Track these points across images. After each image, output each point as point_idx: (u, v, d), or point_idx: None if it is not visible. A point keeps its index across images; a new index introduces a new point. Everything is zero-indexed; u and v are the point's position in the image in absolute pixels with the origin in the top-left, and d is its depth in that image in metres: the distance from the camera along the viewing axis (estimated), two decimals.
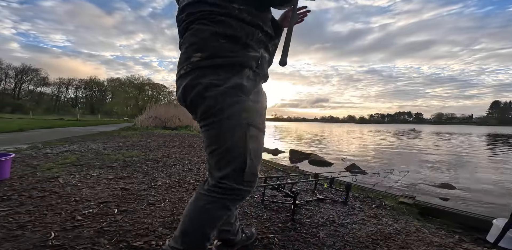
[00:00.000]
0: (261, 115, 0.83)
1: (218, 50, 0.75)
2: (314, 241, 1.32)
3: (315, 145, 12.25)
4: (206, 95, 0.75)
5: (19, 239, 1.17)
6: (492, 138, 21.90)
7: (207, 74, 0.75)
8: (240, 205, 1.80)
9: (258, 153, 0.83)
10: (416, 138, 20.56)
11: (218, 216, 0.81)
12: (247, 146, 0.78)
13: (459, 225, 1.88)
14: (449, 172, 6.11)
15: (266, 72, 0.87)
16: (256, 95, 0.81)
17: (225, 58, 0.74)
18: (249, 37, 0.78)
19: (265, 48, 0.84)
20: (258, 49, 0.81)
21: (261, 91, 0.86)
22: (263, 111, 0.85)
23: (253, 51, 0.79)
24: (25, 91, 52.90)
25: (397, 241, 1.41)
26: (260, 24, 0.80)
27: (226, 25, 0.75)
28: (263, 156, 7.57)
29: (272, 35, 0.86)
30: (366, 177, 4.79)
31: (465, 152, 10.61)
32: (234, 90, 0.75)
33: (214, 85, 0.74)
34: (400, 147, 12.52)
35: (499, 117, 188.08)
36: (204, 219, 0.80)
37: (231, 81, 0.74)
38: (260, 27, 0.80)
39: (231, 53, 0.75)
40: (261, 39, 0.82)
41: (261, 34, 0.81)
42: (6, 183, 2.08)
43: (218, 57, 0.74)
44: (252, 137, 0.79)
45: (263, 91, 0.89)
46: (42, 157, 3.42)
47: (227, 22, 0.75)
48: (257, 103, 0.82)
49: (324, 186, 2.44)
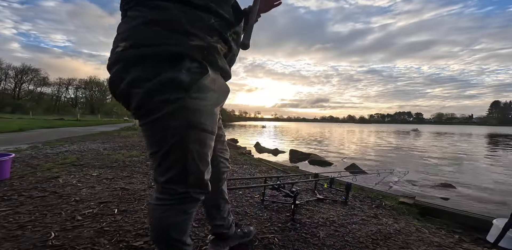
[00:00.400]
0: (208, 114, 0.71)
1: (147, 38, 0.64)
2: (314, 241, 1.32)
3: (315, 145, 12.24)
4: (133, 92, 0.65)
5: (19, 239, 1.17)
6: (492, 138, 21.88)
7: (132, 67, 0.64)
8: (240, 205, 1.80)
9: (204, 156, 0.73)
10: (416, 138, 20.55)
11: (179, 222, 0.76)
12: (188, 150, 0.68)
13: (459, 225, 1.89)
14: (449, 172, 6.11)
15: (222, 64, 0.75)
16: (202, 91, 0.68)
17: (155, 47, 0.62)
18: (194, 23, 0.67)
19: (220, 36, 0.73)
20: (206, 37, 0.69)
21: (210, 87, 0.71)
22: (212, 110, 0.72)
23: (196, 39, 0.66)
24: (25, 91, 52.91)
25: (397, 241, 1.41)
26: (213, 8, 0.70)
27: (163, 10, 0.65)
28: (263, 156, 7.61)
29: (232, 21, 0.75)
30: (366, 177, 4.79)
31: (465, 152, 10.61)
32: (166, 86, 0.63)
33: (141, 81, 0.63)
34: (400, 147, 12.52)
35: (499, 118, 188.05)
36: (165, 228, 0.75)
37: (162, 76, 0.63)
38: (214, 12, 0.70)
39: (165, 40, 0.63)
40: (214, 26, 0.71)
41: (214, 21, 0.71)
42: (6, 183, 2.08)
43: (145, 46, 0.63)
44: (196, 139, 0.69)
45: (218, 86, 0.75)
46: (42, 157, 3.42)
47: (166, 7, 0.66)
48: (202, 100, 0.68)
49: (324, 186, 2.44)
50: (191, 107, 0.66)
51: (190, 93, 0.65)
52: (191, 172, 0.71)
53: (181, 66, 0.64)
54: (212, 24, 0.70)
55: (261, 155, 7.91)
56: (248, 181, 2.56)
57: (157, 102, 0.64)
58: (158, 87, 0.63)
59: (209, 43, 0.69)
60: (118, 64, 0.66)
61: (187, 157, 0.69)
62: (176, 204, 0.74)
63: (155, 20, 0.64)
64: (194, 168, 0.71)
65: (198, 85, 0.66)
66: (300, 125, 78.56)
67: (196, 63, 0.67)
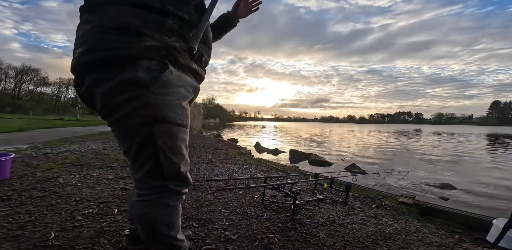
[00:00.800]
0: (176, 108, 0.73)
1: (99, 43, 0.66)
2: (314, 241, 1.32)
3: (315, 145, 12.24)
4: (95, 93, 0.68)
5: (19, 239, 1.17)
6: (492, 138, 21.89)
7: (90, 71, 0.67)
8: (240, 205, 1.80)
9: (177, 149, 0.74)
10: (417, 138, 20.56)
11: (163, 216, 0.77)
12: (158, 144, 0.70)
13: (459, 225, 1.88)
14: (449, 172, 6.11)
15: (186, 62, 0.76)
16: (166, 87, 0.70)
17: (106, 52, 0.65)
18: (149, 25, 0.68)
19: (179, 36, 0.74)
20: (163, 37, 0.70)
21: (175, 83, 0.72)
22: (180, 104, 0.74)
23: (151, 40, 0.68)
24: (25, 91, 52.89)
25: (397, 241, 1.41)
26: (170, 10, 0.71)
27: (115, 14, 0.67)
28: (263, 156, 7.61)
29: (192, 22, 0.77)
30: (366, 177, 4.79)
31: (465, 152, 10.61)
32: (125, 86, 0.66)
33: (101, 82, 0.67)
34: (401, 147, 12.52)
35: (499, 118, 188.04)
36: (151, 223, 0.77)
37: (120, 76, 0.65)
38: (171, 14, 0.72)
39: (115, 44, 0.65)
40: (172, 27, 0.72)
41: (172, 22, 0.72)
42: (6, 183, 2.08)
43: (97, 51, 0.65)
44: (165, 133, 0.71)
45: (185, 82, 0.77)
46: (42, 157, 3.42)
47: (118, 10, 0.67)
48: (168, 96, 0.70)
49: (324, 186, 2.44)
50: (155, 102, 0.68)
51: (153, 89, 0.67)
52: (165, 165, 0.72)
53: (138, 66, 0.66)
54: (170, 25, 0.72)
55: (261, 155, 7.91)
56: (248, 181, 2.56)
57: (118, 101, 0.67)
58: (118, 87, 0.66)
59: (167, 43, 0.70)
60: (77, 70, 0.70)
61: (158, 151, 0.71)
62: (156, 198, 0.76)
63: (107, 24, 0.66)
64: (167, 161, 0.73)
65: (161, 81, 0.68)
66: (300, 125, 78.58)
67: (155, 62, 0.68)
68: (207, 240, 1.26)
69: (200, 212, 1.62)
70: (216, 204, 1.81)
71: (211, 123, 48.02)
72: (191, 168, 3.08)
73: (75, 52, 0.68)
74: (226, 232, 1.35)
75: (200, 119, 16.72)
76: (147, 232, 0.78)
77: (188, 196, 1.95)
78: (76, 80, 0.72)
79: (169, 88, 0.71)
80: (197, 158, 3.95)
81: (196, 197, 1.93)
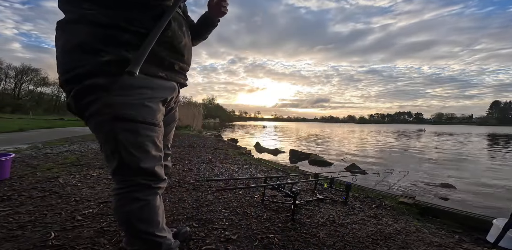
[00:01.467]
0: (139, 107, 0.77)
1: (64, 65, 0.75)
2: (314, 241, 1.32)
3: (315, 145, 12.24)
4: (69, 102, 0.78)
5: (19, 239, 1.17)
6: (492, 138, 21.90)
7: (66, 86, 0.77)
8: (240, 205, 1.80)
9: (139, 145, 0.78)
10: (417, 137, 20.56)
11: (136, 209, 0.80)
12: (119, 140, 0.75)
13: (459, 225, 1.88)
14: (449, 172, 6.11)
15: (151, 72, 0.81)
16: (125, 89, 0.75)
17: (72, 71, 0.73)
18: (106, 41, 0.73)
19: (135, 48, 0.75)
20: (121, 51, 0.74)
21: (136, 85, 0.78)
22: (143, 103, 0.78)
23: (108, 55, 0.73)
24: (25, 91, 52.87)
25: (397, 241, 1.41)
26: (121, 25, 0.74)
27: (75, 33, 0.73)
28: (263, 156, 7.60)
29: (147, 33, 0.77)
30: (366, 177, 4.79)
31: (465, 152, 10.61)
32: (88, 90, 0.74)
33: (72, 89, 0.75)
34: (401, 147, 12.52)
35: (499, 117, 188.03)
36: (126, 218, 0.80)
37: (83, 83, 0.73)
38: (124, 28, 0.74)
39: (77, 63, 0.72)
40: (126, 41, 0.75)
41: (126, 36, 0.75)
42: (6, 183, 2.08)
43: (64, 73, 0.75)
44: (125, 130, 0.76)
45: (154, 84, 0.82)
46: (42, 157, 3.42)
47: (77, 30, 0.73)
48: (129, 96, 0.76)
49: (324, 186, 2.44)
50: (115, 102, 0.74)
51: (113, 92, 0.74)
52: (127, 160, 0.77)
53: (98, 76, 0.74)
54: (126, 38, 0.75)
55: (261, 155, 7.90)
56: (248, 181, 2.56)
57: (84, 104, 0.75)
58: (82, 91, 0.74)
59: (124, 57, 0.74)
60: (63, 88, 0.79)
61: (119, 146, 0.76)
62: (128, 192, 0.80)
63: (70, 45, 0.73)
64: (129, 156, 0.77)
65: (120, 84, 0.75)
66: (300, 124, 78.55)
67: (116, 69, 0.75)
68: (207, 240, 1.26)
69: (200, 212, 1.62)
70: (216, 204, 1.81)
71: (211, 123, 48.00)
72: (191, 168, 3.08)
73: (58, 76, 0.78)
74: (226, 232, 1.35)
75: (200, 120, 16.72)
76: (126, 227, 0.83)
77: (188, 196, 1.95)
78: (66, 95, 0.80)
79: (130, 90, 0.77)
80: (197, 158, 3.95)
81: (196, 197, 1.93)
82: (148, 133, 0.80)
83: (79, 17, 0.73)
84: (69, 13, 0.75)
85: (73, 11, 0.74)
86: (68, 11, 0.75)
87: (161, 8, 0.79)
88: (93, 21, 0.72)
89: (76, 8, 0.74)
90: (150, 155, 0.81)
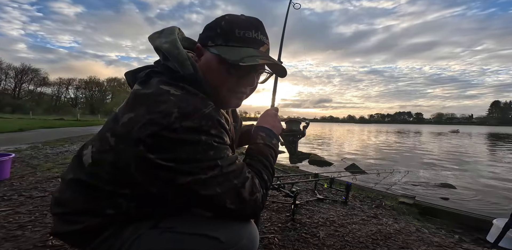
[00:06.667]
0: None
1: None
2: (314, 241, 1.32)
3: (315, 145, 12.24)
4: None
5: (19, 239, 1.17)
6: (492, 138, 21.88)
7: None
8: None
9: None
10: (417, 138, 20.55)
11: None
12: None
13: (459, 225, 1.89)
14: (449, 172, 6.11)
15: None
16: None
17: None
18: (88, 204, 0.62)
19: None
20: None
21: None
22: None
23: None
24: (25, 91, 52.91)
25: (397, 241, 1.41)
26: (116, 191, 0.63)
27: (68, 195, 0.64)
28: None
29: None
30: (366, 177, 4.78)
31: (465, 152, 10.61)
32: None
33: None
34: (401, 147, 12.52)
35: (499, 117, 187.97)
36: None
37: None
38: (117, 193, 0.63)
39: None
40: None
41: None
42: (6, 183, 2.07)
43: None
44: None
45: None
46: (42, 157, 3.41)
47: (72, 191, 0.63)
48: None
49: (324, 186, 2.44)
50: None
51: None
52: None
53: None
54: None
55: None
56: None
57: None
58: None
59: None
60: None
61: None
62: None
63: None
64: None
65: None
66: None
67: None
68: None
69: None
70: None
71: None
72: None
73: None
74: None
75: None
76: None
77: None
78: None
79: None
80: None
81: None
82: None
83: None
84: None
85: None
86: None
87: None
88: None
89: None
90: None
